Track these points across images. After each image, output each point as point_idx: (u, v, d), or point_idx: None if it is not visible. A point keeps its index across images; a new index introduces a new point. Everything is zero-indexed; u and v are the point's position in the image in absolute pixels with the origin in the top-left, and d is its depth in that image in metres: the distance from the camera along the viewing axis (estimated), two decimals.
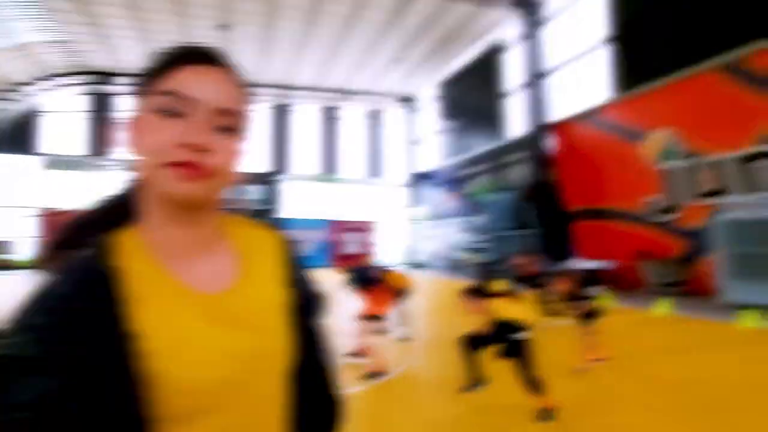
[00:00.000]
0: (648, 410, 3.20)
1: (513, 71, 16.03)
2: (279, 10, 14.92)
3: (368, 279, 4.85)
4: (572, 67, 13.72)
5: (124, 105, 19.69)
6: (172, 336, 0.53)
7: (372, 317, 4.34)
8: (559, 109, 13.96)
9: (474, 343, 3.41)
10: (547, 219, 12.96)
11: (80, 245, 0.56)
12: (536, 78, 14.18)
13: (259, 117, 21.85)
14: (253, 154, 20.44)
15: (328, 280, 4.25)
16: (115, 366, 0.50)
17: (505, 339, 3.18)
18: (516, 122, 15.90)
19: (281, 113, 22.87)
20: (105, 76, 19.57)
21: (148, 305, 0.53)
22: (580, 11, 13.42)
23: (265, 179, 20.90)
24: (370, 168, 24.70)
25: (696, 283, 9.74)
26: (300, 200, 21.88)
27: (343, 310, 5.66)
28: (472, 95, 18.66)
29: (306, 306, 0.67)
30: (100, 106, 20.00)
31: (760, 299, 7.49)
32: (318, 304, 0.71)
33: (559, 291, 4.78)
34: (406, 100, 23.68)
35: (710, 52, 9.43)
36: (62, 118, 19.92)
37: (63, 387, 0.49)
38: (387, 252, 21.27)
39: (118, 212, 0.60)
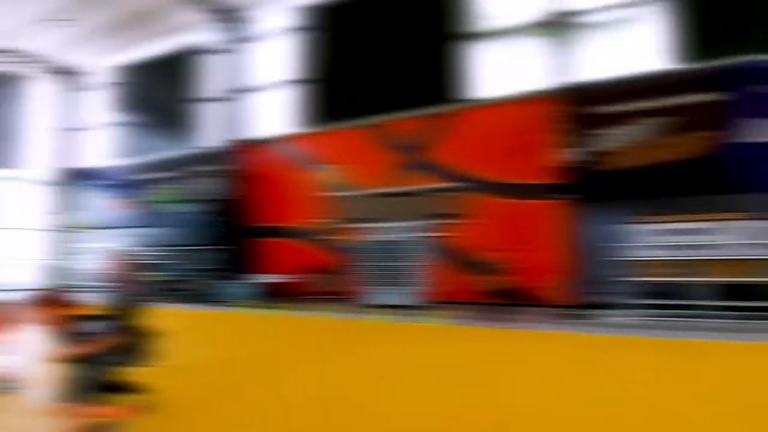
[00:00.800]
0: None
1: (211, 79, 15.47)
2: None
3: None
4: (269, 91, 14.58)
5: None
6: None
7: None
8: (252, 128, 14.47)
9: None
10: (233, 235, 12.97)
11: None
12: (234, 93, 14.17)
13: None
14: None
15: None
16: None
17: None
18: (209, 132, 15.34)
19: None
20: None
21: None
22: (281, 42, 14.53)
23: None
24: None
25: (347, 290, 12.12)
26: None
27: None
28: (162, 92, 16.80)
29: None
30: None
31: (390, 300, 10.13)
32: None
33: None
34: (67, 73, 18.58)
35: (365, 113, 12.30)
36: None
37: None
38: (14, 270, 15.69)
39: None
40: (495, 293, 7.45)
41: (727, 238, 8.69)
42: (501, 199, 10.52)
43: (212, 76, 15.48)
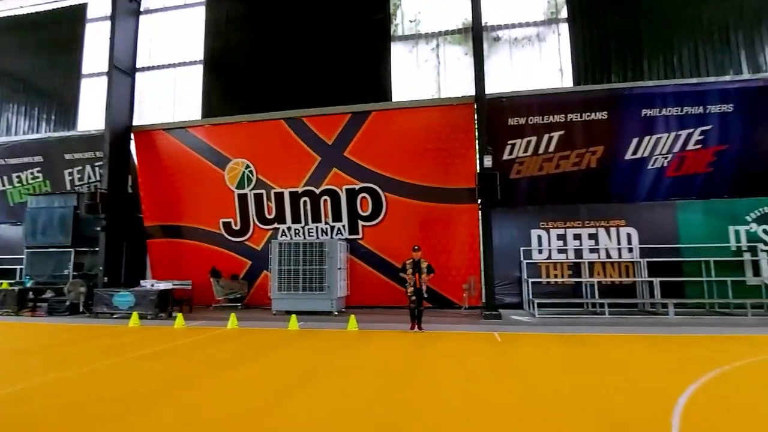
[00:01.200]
0: None
1: (95, 52, 13.37)
2: None
3: None
4: (167, 73, 13.03)
5: None
6: None
7: None
8: (143, 113, 12.75)
9: None
10: (117, 234, 11.14)
11: None
12: (123, 71, 12.01)
13: None
14: None
15: None
16: None
17: None
18: (89, 113, 13.23)
19: None
20: None
21: None
22: (181, 22, 13.10)
23: None
24: None
25: (256, 297, 11.26)
26: None
27: None
28: (25, 60, 14.09)
29: None
30: None
31: (298, 307, 9.55)
32: None
33: None
34: None
35: (280, 105, 11.52)
36: None
37: None
38: None
39: None
40: (410, 295, 7.46)
41: (608, 243, 10.05)
42: (415, 202, 10.67)
43: (97, 49, 13.37)
